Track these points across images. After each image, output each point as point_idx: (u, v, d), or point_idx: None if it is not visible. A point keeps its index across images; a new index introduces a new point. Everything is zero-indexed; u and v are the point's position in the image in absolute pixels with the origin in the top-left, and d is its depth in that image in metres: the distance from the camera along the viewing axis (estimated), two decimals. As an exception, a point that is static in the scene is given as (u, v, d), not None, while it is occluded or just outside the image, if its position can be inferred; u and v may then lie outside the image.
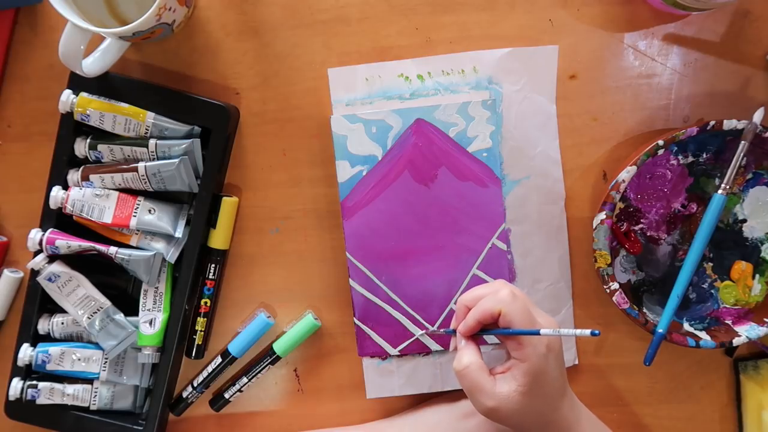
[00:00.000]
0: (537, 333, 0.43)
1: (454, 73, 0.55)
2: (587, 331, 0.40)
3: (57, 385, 0.56)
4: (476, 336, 0.48)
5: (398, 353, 0.56)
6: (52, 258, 0.56)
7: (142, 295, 0.56)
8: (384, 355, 0.57)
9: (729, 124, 0.52)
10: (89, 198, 0.54)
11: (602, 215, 0.53)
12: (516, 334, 0.45)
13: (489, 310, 0.46)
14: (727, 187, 0.53)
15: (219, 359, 0.58)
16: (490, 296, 0.46)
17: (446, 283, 0.56)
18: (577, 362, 0.58)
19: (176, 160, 0.53)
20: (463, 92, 0.55)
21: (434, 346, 0.56)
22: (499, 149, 0.55)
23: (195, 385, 0.58)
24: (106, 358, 0.56)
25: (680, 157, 0.55)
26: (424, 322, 0.56)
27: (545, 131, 0.56)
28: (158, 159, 0.54)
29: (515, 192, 0.56)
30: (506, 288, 0.47)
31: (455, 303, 0.55)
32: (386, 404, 0.59)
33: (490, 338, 0.54)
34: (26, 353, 0.56)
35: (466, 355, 0.47)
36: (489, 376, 0.46)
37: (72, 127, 0.55)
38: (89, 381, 0.57)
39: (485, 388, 0.45)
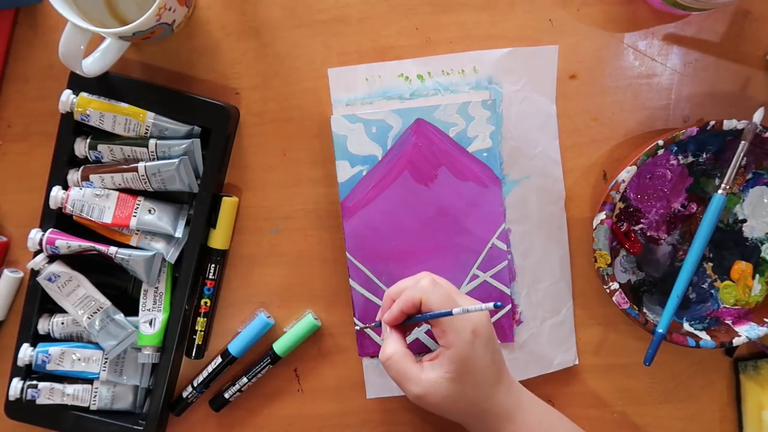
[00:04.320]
0: (449, 313, 0.45)
1: (454, 73, 0.55)
2: (490, 305, 0.43)
3: (57, 385, 0.56)
4: (403, 326, 0.49)
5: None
6: (52, 258, 0.56)
7: (142, 295, 0.56)
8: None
9: (729, 124, 0.52)
10: (89, 198, 0.54)
11: (602, 215, 0.53)
12: (431, 318, 0.46)
13: (410, 298, 0.47)
14: (727, 187, 0.53)
15: (219, 359, 0.58)
16: (411, 286, 0.48)
17: (446, 283, 0.56)
18: (577, 362, 0.58)
19: (176, 160, 0.53)
20: (463, 92, 0.55)
21: (434, 345, 0.56)
22: (499, 149, 0.55)
23: (195, 385, 0.58)
24: (106, 358, 0.56)
25: (680, 157, 0.55)
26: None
27: (545, 131, 0.56)
28: (158, 159, 0.54)
29: (515, 192, 0.56)
30: (428, 277, 0.48)
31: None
32: (386, 404, 0.59)
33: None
34: (26, 353, 0.56)
35: (390, 345, 0.47)
36: (415, 364, 0.46)
37: (72, 127, 0.55)
38: (89, 381, 0.57)
39: (411, 375, 0.46)
